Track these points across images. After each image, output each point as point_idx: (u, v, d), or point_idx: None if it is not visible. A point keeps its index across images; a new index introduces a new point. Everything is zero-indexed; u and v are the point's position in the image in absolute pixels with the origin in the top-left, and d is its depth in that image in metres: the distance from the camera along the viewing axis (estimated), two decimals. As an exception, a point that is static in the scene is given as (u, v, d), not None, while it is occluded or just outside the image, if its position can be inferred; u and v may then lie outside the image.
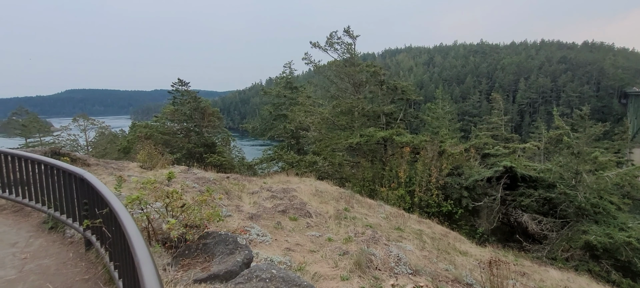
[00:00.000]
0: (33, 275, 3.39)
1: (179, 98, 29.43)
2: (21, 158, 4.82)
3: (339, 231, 7.47)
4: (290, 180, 14.46)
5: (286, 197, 9.84)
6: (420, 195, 16.97)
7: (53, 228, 4.43)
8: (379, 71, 23.00)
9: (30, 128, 39.35)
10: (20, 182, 4.86)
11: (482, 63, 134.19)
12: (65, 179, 4.01)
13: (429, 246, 8.17)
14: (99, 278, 3.32)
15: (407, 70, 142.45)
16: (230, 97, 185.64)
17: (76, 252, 3.83)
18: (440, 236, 10.19)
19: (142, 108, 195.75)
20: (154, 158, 12.62)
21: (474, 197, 17.10)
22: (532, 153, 29.06)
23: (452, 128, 41.94)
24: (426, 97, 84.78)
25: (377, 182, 19.06)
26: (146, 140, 20.61)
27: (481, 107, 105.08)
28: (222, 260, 3.32)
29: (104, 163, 11.47)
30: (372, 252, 5.73)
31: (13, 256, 3.74)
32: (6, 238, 4.14)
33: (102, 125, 41.08)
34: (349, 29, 23.40)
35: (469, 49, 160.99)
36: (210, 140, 29.57)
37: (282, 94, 31.55)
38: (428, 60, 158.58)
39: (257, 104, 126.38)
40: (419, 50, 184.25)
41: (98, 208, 3.13)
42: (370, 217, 9.96)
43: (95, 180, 3.28)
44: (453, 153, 18.72)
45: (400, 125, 23.42)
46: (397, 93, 23.66)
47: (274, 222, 7.15)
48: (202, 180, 10.01)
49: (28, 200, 4.74)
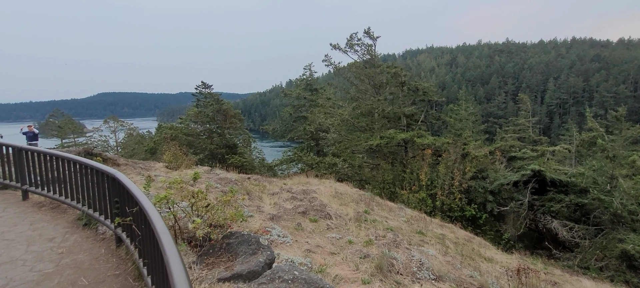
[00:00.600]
0: (69, 269, 3.57)
1: (202, 100, 30.25)
2: (58, 158, 5.11)
3: (359, 233, 7.41)
4: (309, 181, 14.52)
5: (306, 198, 9.88)
6: (443, 199, 16.57)
7: (87, 224, 4.66)
8: (399, 72, 22.69)
9: (66, 129, 41.67)
10: (57, 180, 5.15)
11: (508, 62, 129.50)
12: (98, 178, 4.21)
13: (452, 251, 7.96)
14: (129, 274, 3.45)
15: (428, 70, 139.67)
16: (251, 99, 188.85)
17: (108, 248, 4.01)
18: (463, 241, 9.90)
19: (168, 110, 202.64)
20: (178, 159, 13.03)
21: (500, 202, 16.50)
22: (563, 156, 27.70)
23: (476, 130, 40.71)
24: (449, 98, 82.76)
25: (397, 184, 18.78)
26: (171, 141, 21.33)
27: (507, 108, 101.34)
28: (245, 260, 3.37)
29: (133, 163, 11.96)
30: (394, 256, 5.65)
31: (51, 250, 3.97)
32: (45, 234, 4.40)
33: (130, 127, 42.89)
34: (369, 30, 23.25)
35: (494, 48, 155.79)
36: (231, 142, 30.19)
37: (302, 96, 31.77)
38: (450, 60, 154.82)
39: (277, 105, 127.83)
40: (441, 50, 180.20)
41: (128, 206, 3.27)
42: (390, 220, 9.82)
43: (126, 179, 3.42)
44: (477, 156, 18.15)
45: (422, 127, 22.98)
46: (419, 94, 23.25)
47: (295, 223, 7.19)
48: (224, 181, 10.22)
49: (64, 198, 5.02)
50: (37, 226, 4.67)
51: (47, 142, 40.07)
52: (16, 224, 4.70)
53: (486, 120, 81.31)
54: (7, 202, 5.58)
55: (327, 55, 25.15)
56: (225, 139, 29.48)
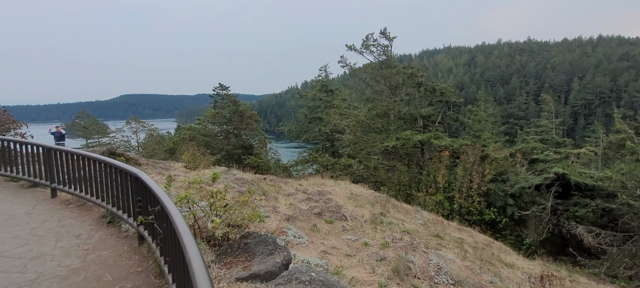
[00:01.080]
0: (94, 265, 3.71)
1: (220, 102, 30.79)
2: (84, 158, 5.32)
3: (375, 236, 7.36)
4: (325, 182, 14.52)
5: (321, 199, 9.89)
6: (461, 202, 16.21)
7: (111, 222, 4.83)
8: (416, 73, 22.40)
9: (90, 130, 43.37)
10: (83, 179, 5.37)
11: (530, 62, 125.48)
12: (121, 177, 4.35)
13: (471, 256, 7.77)
14: (151, 271, 3.56)
15: (446, 71, 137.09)
16: (267, 100, 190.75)
17: (130, 245, 4.14)
18: (483, 246, 9.65)
19: (186, 111, 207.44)
20: (197, 159, 13.31)
21: (521, 206, 16.00)
22: (588, 159, 26.60)
23: (495, 131, 39.66)
24: (467, 99, 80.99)
25: (413, 186, 18.52)
26: (190, 142, 21.82)
27: (528, 109, 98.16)
28: (262, 260, 3.41)
29: (153, 163, 12.30)
30: (411, 260, 5.57)
31: (77, 247, 4.14)
32: (72, 230, 4.59)
33: (151, 128, 44.19)
34: (385, 30, 23.07)
35: (515, 47, 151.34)
36: (248, 142, 30.59)
37: (317, 97, 31.85)
38: (469, 60, 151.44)
39: (293, 107, 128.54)
40: (459, 50, 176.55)
41: (151, 205, 3.36)
42: (407, 223, 9.69)
43: (148, 179, 3.52)
44: (497, 158, 17.66)
45: (439, 128, 22.60)
46: (436, 95, 22.88)
47: (310, 224, 7.21)
48: (241, 181, 10.36)
49: (90, 196, 5.22)
50: (64, 223, 4.87)
51: (73, 142, 41.80)
52: (45, 221, 4.93)
53: (506, 121, 78.92)
54: (38, 199, 5.86)
55: (343, 57, 25.15)
56: (241, 139, 29.90)
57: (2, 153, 6.68)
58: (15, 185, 6.67)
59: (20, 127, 12.46)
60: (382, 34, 23.30)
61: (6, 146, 6.72)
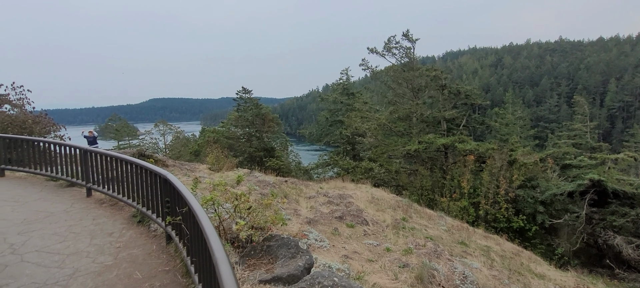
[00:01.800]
0: (125, 263, 3.88)
1: (243, 105, 31.42)
2: (117, 159, 5.59)
3: (397, 241, 7.23)
4: (345, 186, 14.47)
5: (342, 203, 9.85)
6: (487, 208, 15.65)
7: (140, 221, 5.03)
8: (440, 75, 21.92)
9: (122, 132, 45.52)
10: (115, 179, 5.64)
11: (561, 62, 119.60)
12: (151, 179, 4.53)
13: (498, 265, 7.48)
14: (178, 270, 3.67)
15: (470, 72, 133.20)
16: (288, 103, 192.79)
17: (159, 244, 4.29)
18: (511, 255, 9.26)
19: (211, 114, 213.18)
20: (220, 161, 13.65)
21: (552, 213, 15.22)
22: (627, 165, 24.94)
23: (524, 135, 38.02)
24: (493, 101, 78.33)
25: (436, 191, 18.07)
26: (214, 144, 22.40)
27: (560, 112, 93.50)
28: (284, 263, 3.44)
29: (179, 165, 12.72)
30: (435, 267, 5.43)
31: (110, 244, 4.34)
32: (105, 229, 4.82)
33: (177, 130, 45.78)
34: (408, 32, 22.75)
35: (545, 47, 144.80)
36: (269, 145, 30.99)
37: (338, 100, 31.81)
38: (495, 61, 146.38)
39: (314, 110, 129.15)
40: (485, 51, 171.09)
41: (178, 206, 3.48)
42: (430, 229, 9.47)
43: (176, 181, 3.65)
44: (526, 163, 16.92)
45: (463, 131, 21.96)
46: (460, 97, 22.27)
47: (331, 227, 7.19)
48: (263, 183, 10.51)
49: (121, 196, 5.47)
50: (98, 221, 5.13)
51: (106, 143, 44.01)
52: (81, 219, 5.21)
53: (536, 124, 75.55)
54: (75, 198, 6.20)
55: (364, 60, 25.01)
56: (263, 142, 30.35)
57: (43, 154, 7.14)
58: (55, 184, 7.10)
59: (59, 129, 13.26)
60: (405, 36, 22.98)
61: (47, 147, 7.17)
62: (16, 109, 13.39)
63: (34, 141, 7.32)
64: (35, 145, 7.24)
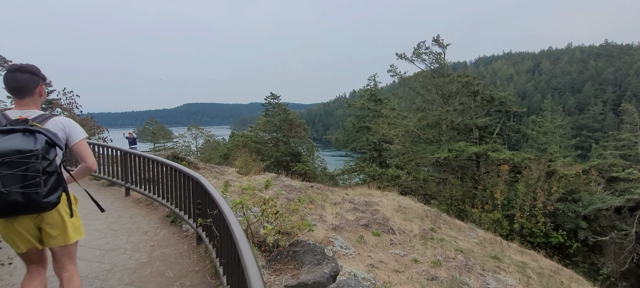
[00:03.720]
0: (158, 261, 4.05)
1: (271, 110, 32.04)
2: (153, 161, 5.88)
3: (425, 252, 7.01)
4: (371, 193, 14.27)
5: (368, 210, 9.72)
6: (522, 221, 14.81)
7: (173, 221, 5.25)
8: (472, 81, 21.17)
9: (157, 135, 47.92)
10: (151, 180, 5.93)
11: (607, 67, 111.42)
12: (184, 181, 4.72)
13: (535, 282, 7.03)
14: (207, 271, 3.78)
15: (505, 78, 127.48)
16: (315, 109, 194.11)
17: (190, 245, 4.45)
18: (549, 272, 8.68)
19: (240, 119, 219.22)
20: (248, 165, 13.98)
21: (596, 230, 14.14)
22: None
23: (564, 145, 35.69)
24: (530, 108, 74.34)
25: (467, 201, 17.37)
26: (242, 148, 23.00)
27: (605, 121, 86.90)
28: (310, 270, 3.44)
29: (209, 167, 13.17)
30: (466, 282, 5.20)
31: (145, 243, 4.56)
32: (141, 227, 5.08)
33: (208, 134, 47.53)
34: (438, 38, 22.24)
35: (589, 51, 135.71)
36: (296, 150, 31.32)
37: (365, 106, 31.60)
38: (533, 66, 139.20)
39: (340, 115, 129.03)
40: (521, 55, 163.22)
41: (209, 209, 3.59)
42: (460, 241, 9.10)
43: (208, 183, 3.77)
44: (566, 175, 15.87)
45: (497, 140, 21.00)
46: (494, 104, 21.35)
47: (357, 235, 7.12)
48: (289, 188, 10.61)
49: (156, 196, 5.74)
50: (135, 220, 5.41)
51: (143, 145, 46.51)
52: (120, 217, 5.52)
53: (578, 133, 70.57)
54: (115, 197, 6.60)
55: (393, 65, 24.72)
56: (290, 147, 30.73)
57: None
58: (97, 183, 7.60)
59: (102, 131, 14.23)
60: (435, 41, 22.48)
61: (91, 149, 7.70)
62: (66, 112, 14.54)
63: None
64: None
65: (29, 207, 2.02)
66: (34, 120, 2.16)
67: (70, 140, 2.32)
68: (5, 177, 1.93)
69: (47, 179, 2.06)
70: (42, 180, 2.02)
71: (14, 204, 1.97)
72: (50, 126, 2.20)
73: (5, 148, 1.95)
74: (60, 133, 2.24)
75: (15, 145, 1.98)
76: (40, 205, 2.04)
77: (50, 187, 2.07)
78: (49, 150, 2.09)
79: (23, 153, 1.97)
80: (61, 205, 2.24)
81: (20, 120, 2.11)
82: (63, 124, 2.29)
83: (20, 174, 1.96)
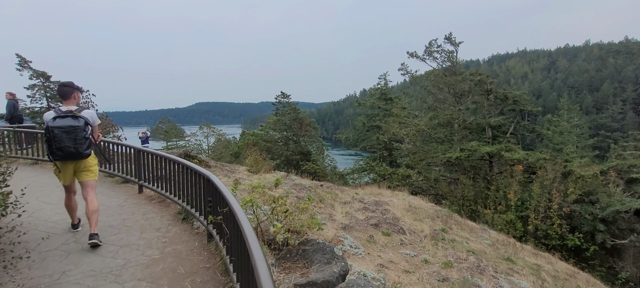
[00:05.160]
0: (170, 257, 4.11)
1: (281, 109, 32.17)
2: (165, 159, 5.97)
3: (436, 253, 6.93)
4: (382, 192, 14.17)
5: (378, 210, 9.66)
6: (536, 223, 14.48)
7: (185, 219, 5.32)
8: (485, 79, 20.80)
9: (170, 133, 48.73)
10: (164, 177, 6.02)
11: (627, 65, 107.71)
12: (195, 178, 4.78)
13: (550, 286, 6.86)
14: (217, 268, 3.82)
15: (519, 77, 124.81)
16: (325, 108, 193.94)
17: (200, 242, 4.50)
18: (565, 276, 8.46)
19: (251, 118, 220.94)
20: (259, 164, 14.07)
21: (614, 233, 13.72)
22: None
23: (581, 145, 34.70)
24: (545, 107, 72.64)
25: (479, 202, 17.08)
26: (253, 147, 23.17)
27: (624, 120, 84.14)
28: (319, 269, 3.43)
29: (220, 166, 13.30)
30: (478, 283, 5.11)
31: (157, 239, 4.63)
32: (154, 224, 5.16)
33: (219, 133, 48.06)
34: (450, 35, 21.92)
35: (608, 48, 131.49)
36: (306, 149, 31.37)
37: (376, 105, 31.42)
38: (548, 64, 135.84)
39: (350, 115, 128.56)
40: (536, 53, 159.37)
41: (219, 206, 3.62)
42: (472, 242, 8.95)
43: (218, 181, 3.81)
44: (583, 176, 15.42)
45: (511, 139, 20.58)
46: (508, 103, 20.93)
47: (367, 235, 7.08)
48: (299, 187, 10.63)
49: (168, 193, 5.83)
50: (148, 216, 5.50)
51: (156, 144, 47.36)
52: (133, 213, 5.62)
53: (596, 133, 68.41)
54: (128, 194, 6.73)
55: (404, 64, 24.48)
56: (300, 146, 30.80)
57: (104, 152, 7.84)
58: (112, 180, 7.76)
59: (116, 130, 14.53)
60: (447, 39, 22.15)
61: (106, 146, 7.87)
62: (83, 110, 14.90)
63: (96, 141, 8.08)
64: (98, 144, 7.98)
65: (77, 155, 4.07)
66: (75, 111, 4.12)
67: (92, 123, 4.30)
68: (66, 140, 3.95)
69: (85, 141, 4.10)
70: (84, 142, 4.07)
71: (70, 154, 4.02)
72: (85, 114, 4.19)
73: (66, 124, 3.96)
74: (89, 119, 4.24)
75: (70, 123, 3.98)
76: (83, 155, 4.12)
77: (87, 146, 4.13)
78: (85, 127, 4.12)
79: (75, 127, 4.00)
80: (91, 157, 4.35)
81: (68, 111, 4.09)
82: (90, 113, 4.35)
83: (72, 138, 3.98)
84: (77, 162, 4.19)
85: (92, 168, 4.35)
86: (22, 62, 20.67)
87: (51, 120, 3.94)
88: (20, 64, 20.65)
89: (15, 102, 11.20)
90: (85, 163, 4.26)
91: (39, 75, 20.74)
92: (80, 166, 4.23)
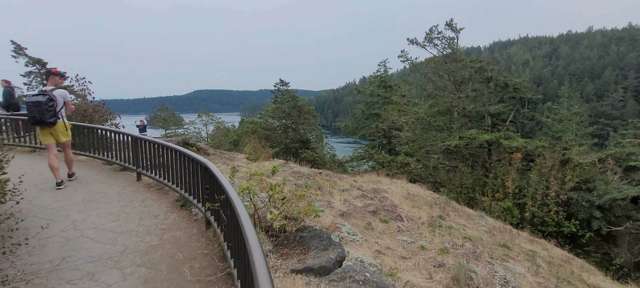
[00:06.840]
0: (168, 244, 4.15)
1: (280, 97, 31.99)
2: (163, 147, 5.97)
3: (433, 239, 7.00)
4: (380, 180, 14.23)
5: (376, 197, 9.72)
6: (533, 210, 14.62)
7: (183, 206, 5.35)
8: (485, 66, 20.65)
9: (168, 121, 48.59)
10: (162, 165, 6.03)
11: (630, 52, 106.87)
12: (193, 166, 4.78)
13: (544, 271, 6.96)
14: (215, 254, 3.86)
15: (521, 64, 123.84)
16: (324, 96, 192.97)
17: (199, 229, 4.54)
18: (560, 262, 8.58)
19: (249, 106, 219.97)
20: (257, 152, 14.06)
21: (610, 220, 13.87)
22: None
23: (581, 133, 34.74)
24: (546, 95, 72.43)
25: (477, 190, 17.19)
26: (252, 135, 23.14)
27: (625, 108, 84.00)
28: (316, 255, 3.47)
29: (219, 153, 13.30)
30: (473, 269, 5.18)
31: (156, 226, 4.67)
32: (152, 211, 5.19)
33: (218, 121, 47.93)
34: (451, 21, 21.65)
35: (610, 35, 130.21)
36: (305, 137, 31.34)
37: (375, 93, 31.24)
38: (550, 51, 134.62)
39: (350, 102, 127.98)
40: (538, 40, 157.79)
41: (217, 194, 3.64)
42: (469, 229, 9.04)
43: (215, 169, 3.81)
44: (581, 164, 15.49)
45: (510, 127, 20.59)
46: (508, 91, 20.84)
47: (365, 222, 7.14)
48: (298, 174, 10.66)
49: (167, 181, 5.84)
50: (146, 204, 5.53)
51: (154, 131, 47.26)
52: (132, 201, 5.65)
53: (595, 121, 68.36)
54: (126, 182, 6.75)
55: (403, 51, 24.26)
56: (299, 134, 30.76)
57: (101, 140, 7.83)
58: (110, 168, 7.77)
59: (114, 118, 14.45)
60: (448, 25, 21.89)
61: (104, 134, 7.85)
62: (79, 98, 14.78)
63: (93, 128, 8.05)
64: (95, 132, 7.96)
65: (41, 123, 5.82)
66: (48, 91, 5.90)
67: (58, 99, 5.95)
68: (34, 111, 5.71)
69: (48, 112, 5.78)
70: (46, 112, 5.76)
71: (36, 121, 5.79)
72: (56, 93, 5.95)
73: (34, 100, 5.74)
74: (57, 97, 5.96)
75: (37, 99, 5.74)
76: (46, 123, 5.83)
77: (50, 116, 5.81)
78: (48, 102, 5.78)
79: (39, 102, 5.72)
80: (59, 125, 6.03)
81: (42, 91, 5.93)
82: (60, 93, 6.06)
83: (38, 110, 5.72)
84: (52, 128, 5.96)
85: (64, 132, 6.14)
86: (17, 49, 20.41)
87: (30, 97, 5.80)
88: (16, 51, 20.38)
89: (11, 90, 11.12)
90: (56, 129, 6.01)
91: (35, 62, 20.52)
92: (55, 131, 6.02)
